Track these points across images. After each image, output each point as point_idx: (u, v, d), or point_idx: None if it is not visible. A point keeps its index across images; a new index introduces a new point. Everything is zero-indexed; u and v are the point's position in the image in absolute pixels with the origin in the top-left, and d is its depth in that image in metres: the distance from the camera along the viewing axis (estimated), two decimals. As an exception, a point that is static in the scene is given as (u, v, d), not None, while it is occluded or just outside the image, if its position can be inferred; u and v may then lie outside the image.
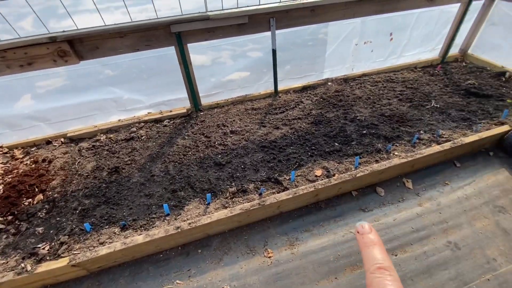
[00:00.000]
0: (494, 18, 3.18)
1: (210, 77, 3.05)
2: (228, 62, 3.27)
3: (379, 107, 2.64)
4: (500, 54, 3.20)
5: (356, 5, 2.55)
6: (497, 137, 2.25)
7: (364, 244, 0.36)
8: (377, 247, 0.36)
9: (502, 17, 3.10)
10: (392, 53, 3.21)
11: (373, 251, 0.35)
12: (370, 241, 0.37)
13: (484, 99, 2.73)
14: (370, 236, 0.37)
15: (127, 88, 2.63)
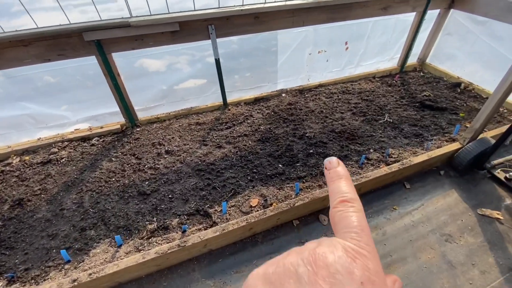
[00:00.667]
0: (450, 28, 3.14)
1: (162, 85, 2.76)
2: (185, 68, 2.99)
3: (330, 122, 2.48)
4: (456, 64, 3.17)
5: (305, 12, 2.36)
6: (448, 155, 2.14)
7: (331, 178, 0.35)
8: (343, 180, 0.34)
9: (457, 27, 3.05)
10: (349, 62, 3.07)
11: (338, 184, 0.33)
12: (336, 175, 0.35)
13: (438, 112, 2.65)
14: (337, 169, 0.35)
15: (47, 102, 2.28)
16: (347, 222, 0.29)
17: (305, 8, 2.33)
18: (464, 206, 1.91)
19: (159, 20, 1.89)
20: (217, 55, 2.35)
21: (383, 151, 2.14)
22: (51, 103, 2.30)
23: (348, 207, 0.31)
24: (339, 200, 0.32)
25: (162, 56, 2.73)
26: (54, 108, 2.31)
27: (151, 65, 2.87)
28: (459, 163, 2.08)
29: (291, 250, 0.28)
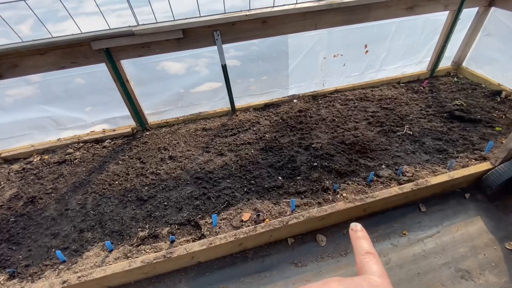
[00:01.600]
0: (491, 28, 2.75)
1: (179, 88, 2.82)
2: (203, 71, 3.02)
3: (342, 132, 2.30)
4: (497, 69, 2.77)
5: (317, 15, 2.23)
6: (475, 176, 1.87)
7: (357, 237, 0.43)
8: (366, 240, 0.43)
9: (499, 27, 2.67)
10: (369, 66, 2.84)
11: (363, 242, 0.42)
12: (362, 235, 0.43)
13: (470, 125, 2.33)
14: (361, 232, 0.44)
15: (65, 106, 2.43)
16: (370, 268, 0.38)
17: (318, 11, 2.19)
18: (490, 237, 1.65)
19: (162, 28, 1.90)
20: (223, 61, 2.31)
21: (397, 168, 1.94)
22: (69, 107, 2.45)
23: (371, 258, 0.39)
24: (365, 251, 0.41)
25: (183, 59, 2.77)
26: (72, 111, 2.47)
27: (171, 67, 2.94)
28: (488, 186, 1.80)
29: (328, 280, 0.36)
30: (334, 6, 2.11)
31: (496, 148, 2.08)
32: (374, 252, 0.40)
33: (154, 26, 1.89)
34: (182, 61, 2.90)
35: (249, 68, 2.74)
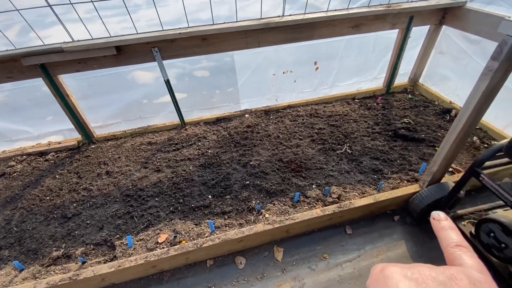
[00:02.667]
0: (442, 46, 2.77)
1: (143, 99, 2.82)
2: (172, 82, 3.04)
3: (283, 149, 2.30)
4: (450, 86, 2.78)
5: (259, 33, 2.24)
6: (404, 199, 1.86)
7: (442, 227, 0.38)
8: (454, 230, 0.37)
9: (450, 46, 2.69)
10: (321, 83, 2.85)
11: (450, 232, 0.37)
12: (447, 225, 0.38)
13: (413, 144, 2.33)
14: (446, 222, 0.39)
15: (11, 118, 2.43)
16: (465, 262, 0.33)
17: (260, 29, 2.20)
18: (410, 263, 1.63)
19: (93, 45, 1.91)
20: (166, 77, 2.32)
21: (326, 188, 1.93)
22: (14, 119, 2.45)
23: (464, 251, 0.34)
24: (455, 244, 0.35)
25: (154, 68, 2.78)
26: (17, 123, 2.46)
27: (141, 77, 2.95)
28: (413, 210, 1.79)
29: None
30: (272, 25, 2.13)
31: (432, 169, 2.07)
32: (467, 245, 0.35)
33: (85, 43, 1.90)
34: (153, 71, 2.92)
35: (217, 79, 2.71)
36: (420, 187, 1.85)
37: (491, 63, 1.25)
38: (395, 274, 0.32)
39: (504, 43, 1.17)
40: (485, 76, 1.29)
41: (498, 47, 1.20)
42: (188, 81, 2.84)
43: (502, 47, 1.19)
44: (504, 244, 1.38)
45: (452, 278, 0.30)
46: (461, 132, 1.49)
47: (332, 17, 2.22)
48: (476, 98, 1.36)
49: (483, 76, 1.30)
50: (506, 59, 1.20)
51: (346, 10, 2.28)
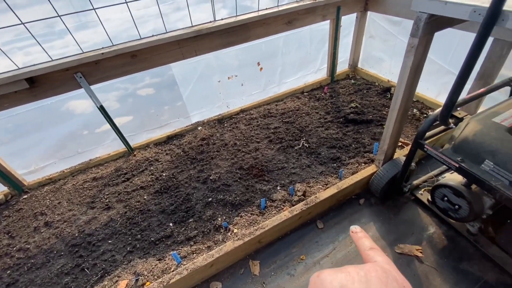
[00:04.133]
0: (371, 31, 2.95)
1: (82, 130, 2.48)
2: (113, 105, 2.72)
3: (242, 155, 2.22)
4: (385, 67, 2.97)
5: (192, 42, 2.13)
6: (365, 181, 1.90)
7: (358, 238, 0.47)
8: (367, 238, 0.46)
9: (377, 29, 2.87)
10: (269, 82, 2.84)
11: (364, 241, 0.46)
12: (362, 235, 0.47)
13: (363, 126, 2.42)
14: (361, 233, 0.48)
15: None
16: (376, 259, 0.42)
17: (192, 38, 2.09)
18: (381, 244, 1.66)
19: (-4, 81, 1.62)
20: (98, 103, 2.09)
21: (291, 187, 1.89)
22: None
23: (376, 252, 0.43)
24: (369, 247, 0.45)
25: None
26: None
27: (78, 106, 2.61)
28: (375, 190, 1.84)
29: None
30: (204, 32, 2.03)
31: (384, 147, 2.16)
32: (377, 247, 0.44)
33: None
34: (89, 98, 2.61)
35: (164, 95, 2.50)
36: (376, 167, 1.91)
37: (412, 40, 1.31)
38: (328, 276, 0.39)
39: (419, 19, 1.23)
40: (409, 53, 1.36)
41: (414, 24, 1.27)
42: (133, 102, 2.61)
43: (418, 23, 1.25)
44: (457, 205, 1.46)
45: (369, 271, 0.38)
46: (400, 108, 1.56)
47: (264, 16, 2.20)
48: (406, 74, 1.42)
49: (407, 53, 1.36)
50: (423, 34, 1.26)
51: (277, 8, 2.28)
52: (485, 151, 1.20)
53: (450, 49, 2.24)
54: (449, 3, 1.09)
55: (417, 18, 1.24)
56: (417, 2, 1.20)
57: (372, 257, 0.42)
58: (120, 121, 2.76)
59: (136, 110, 2.58)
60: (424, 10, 1.19)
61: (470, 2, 1.04)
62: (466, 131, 1.29)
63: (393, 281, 0.36)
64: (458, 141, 1.30)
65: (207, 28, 2.03)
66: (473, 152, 1.24)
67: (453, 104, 1.23)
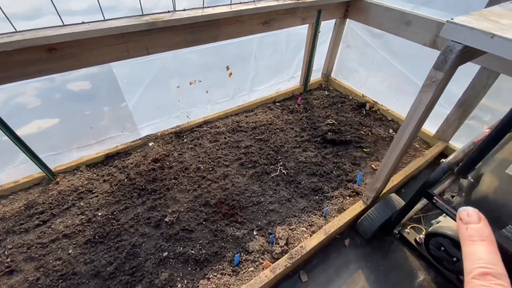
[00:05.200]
0: (349, 40, 2.75)
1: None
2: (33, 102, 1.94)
3: (208, 185, 1.79)
4: (360, 80, 2.81)
5: (144, 36, 1.59)
6: (352, 220, 1.67)
7: (469, 237, 0.28)
8: (486, 244, 0.27)
9: (356, 40, 2.67)
10: (239, 89, 2.43)
11: (479, 248, 0.27)
12: (477, 234, 0.28)
13: (342, 148, 2.20)
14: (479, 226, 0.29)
15: None
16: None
17: (143, 31, 1.55)
18: (372, 298, 1.45)
19: None
20: (-8, 115, 1.41)
21: (270, 232, 1.55)
22: None
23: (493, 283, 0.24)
24: (482, 272, 0.25)
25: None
26: None
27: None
28: (364, 232, 1.62)
29: None
30: (160, 25, 1.51)
31: (367, 174, 1.98)
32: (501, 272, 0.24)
33: None
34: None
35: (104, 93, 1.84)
36: (364, 204, 1.69)
37: (435, 73, 1.06)
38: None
39: (449, 50, 0.98)
40: (428, 88, 1.11)
41: (442, 55, 1.01)
42: (60, 99, 1.91)
43: (447, 55, 0.99)
44: (456, 258, 1.31)
45: None
46: (404, 146, 1.33)
47: (239, 13, 1.76)
48: (420, 111, 1.18)
49: (426, 88, 1.11)
50: (450, 67, 1.02)
51: (254, 4, 1.86)
52: (509, 215, 1.03)
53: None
54: (497, 38, 0.85)
55: (447, 48, 0.98)
56: (452, 29, 0.94)
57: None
58: (42, 125, 2.05)
59: (65, 110, 1.90)
60: (460, 40, 0.94)
61: (529, 41, 0.80)
62: (483, 186, 1.11)
63: None
64: (476, 197, 1.12)
65: (164, 20, 1.51)
66: (494, 214, 1.06)
67: (481, 159, 1.02)
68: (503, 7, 1.13)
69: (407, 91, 2.36)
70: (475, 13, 1.02)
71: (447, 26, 0.95)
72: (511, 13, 1.06)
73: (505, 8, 1.12)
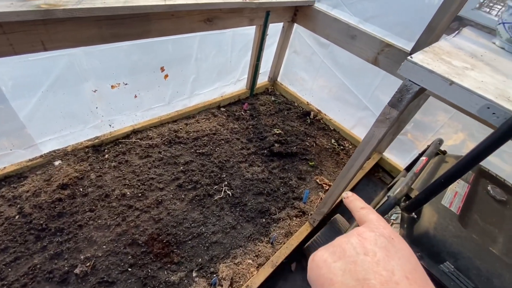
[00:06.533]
0: (296, 46, 2.66)
1: None
2: None
3: (135, 217, 1.48)
4: (305, 87, 2.78)
5: (37, 27, 1.15)
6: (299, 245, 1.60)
7: (350, 201, 0.45)
8: (359, 200, 0.45)
9: (303, 46, 2.61)
10: (177, 94, 2.10)
11: (356, 202, 0.44)
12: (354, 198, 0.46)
13: (289, 161, 2.13)
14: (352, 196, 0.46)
15: None
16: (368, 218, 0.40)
17: (38, 20, 1.11)
18: None
19: None
20: None
21: (212, 271, 1.36)
22: None
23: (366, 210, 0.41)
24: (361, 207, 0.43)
25: None
26: None
27: None
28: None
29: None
30: (58, 15, 1.10)
31: (312, 189, 1.95)
32: (369, 206, 0.43)
33: None
34: None
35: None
36: (311, 225, 1.65)
37: (389, 110, 1.01)
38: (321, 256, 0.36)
39: (406, 90, 0.92)
40: (382, 124, 1.05)
41: (398, 93, 0.95)
42: None
43: (403, 94, 0.94)
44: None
45: (359, 234, 0.36)
46: (353, 176, 1.29)
47: (174, 7, 1.45)
48: (371, 145, 1.13)
49: (380, 123, 1.06)
50: (405, 106, 0.97)
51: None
52: (447, 252, 1.06)
53: (371, 87, 2.22)
54: (455, 85, 0.81)
55: (404, 87, 0.92)
56: (410, 69, 0.88)
57: (363, 216, 0.40)
58: None
59: None
60: (418, 81, 0.88)
61: (482, 93, 0.78)
62: (424, 221, 1.13)
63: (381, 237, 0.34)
64: (417, 233, 1.13)
65: (66, 9, 1.11)
66: (434, 249, 1.09)
67: (428, 201, 1.02)
68: (449, 42, 1.14)
69: (349, 102, 2.42)
70: (429, 50, 0.98)
71: (406, 65, 0.88)
72: (458, 51, 1.07)
73: (451, 44, 1.13)
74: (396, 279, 0.29)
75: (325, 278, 0.33)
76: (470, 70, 0.92)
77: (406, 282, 0.29)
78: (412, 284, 0.29)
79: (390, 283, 0.29)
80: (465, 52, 1.09)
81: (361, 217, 0.41)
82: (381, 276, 0.30)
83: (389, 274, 0.30)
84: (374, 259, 0.32)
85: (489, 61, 1.08)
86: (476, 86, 0.81)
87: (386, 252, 0.32)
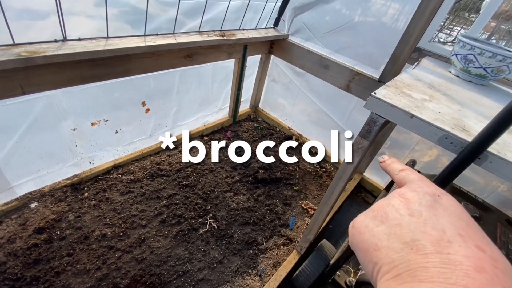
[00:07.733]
0: (274, 75, 2.80)
1: None
2: None
3: (116, 259, 1.42)
4: (286, 112, 2.89)
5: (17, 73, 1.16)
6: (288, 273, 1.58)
7: (387, 165, 0.43)
8: (396, 162, 0.43)
9: (280, 76, 2.74)
10: (159, 126, 2.12)
11: (394, 165, 0.42)
12: (391, 161, 0.43)
13: (273, 187, 2.15)
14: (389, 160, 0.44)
15: None
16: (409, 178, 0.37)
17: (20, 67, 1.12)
18: None
19: None
20: None
21: (200, 311, 1.31)
22: None
23: (406, 171, 0.39)
24: (400, 169, 0.40)
25: None
26: None
27: None
28: (300, 286, 1.55)
29: None
30: (39, 62, 1.13)
31: (297, 215, 1.96)
32: (408, 167, 0.40)
33: None
34: None
35: None
36: (298, 253, 1.64)
37: (360, 141, 1.07)
38: (361, 222, 0.34)
39: (373, 122, 1.00)
40: (355, 153, 1.12)
41: (367, 125, 1.03)
42: None
43: (371, 126, 1.01)
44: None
45: (401, 195, 0.34)
46: (333, 204, 1.33)
47: (155, 48, 1.51)
48: (347, 175, 1.18)
49: (355, 152, 1.12)
50: (374, 137, 1.04)
51: (173, 38, 1.64)
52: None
53: (347, 110, 2.34)
54: (415, 118, 0.89)
55: (371, 119, 1.00)
56: (374, 104, 0.96)
57: (403, 178, 0.38)
58: None
59: None
60: (382, 114, 0.96)
61: (440, 125, 0.86)
62: None
63: (425, 195, 0.32)
64: None
65: (46, 56, 1.14)
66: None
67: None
68: (409, 75, 1.26)
69: (326, 126, 2.53)
70: (391, 84, 1.08)
71: (370, 100, 0.96)
72: (417, 83, 1.18)
73: (411, 76, 1.24)
74: (448, 238, 0.27)
75: (369, 244, 0.31)
76: (429, 101, 1.02)
77: (460, 239, 0.27)
78: (467, 241, 0.27)
79: (442, 242, 0.27)
80: (423, 84, 1.20)
81: (400, 179, 0.38)
82: (430, 236, 0.27)
83: (439, 233, 0.28)
84: (421, 219, 0.29)
85: (446, 90, 1.20)
86: (434, 118, 0.90)
87: (433, 211, 0.30)
